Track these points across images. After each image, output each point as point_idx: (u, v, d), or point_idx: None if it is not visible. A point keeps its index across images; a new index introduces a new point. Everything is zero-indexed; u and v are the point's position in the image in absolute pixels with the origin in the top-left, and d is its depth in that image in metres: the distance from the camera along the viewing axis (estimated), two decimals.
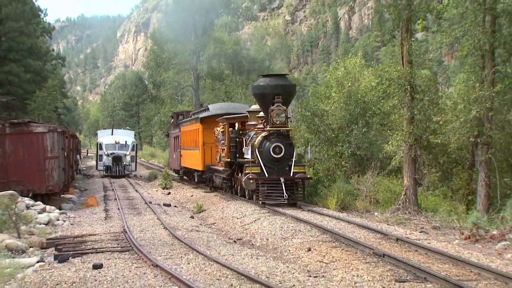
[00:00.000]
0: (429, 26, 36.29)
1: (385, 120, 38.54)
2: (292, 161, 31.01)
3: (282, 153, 30.64)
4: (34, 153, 32.67)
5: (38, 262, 18.33)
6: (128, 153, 59.08)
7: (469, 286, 13.81)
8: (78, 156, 60.02)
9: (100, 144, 60.02)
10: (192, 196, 40.04)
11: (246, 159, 32.15)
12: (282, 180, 29.80)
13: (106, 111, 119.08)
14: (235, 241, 22.99)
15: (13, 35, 58.65)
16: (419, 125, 31.50)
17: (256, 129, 33.29)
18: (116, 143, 59.02)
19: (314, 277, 15.73)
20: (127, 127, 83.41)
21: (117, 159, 57.73)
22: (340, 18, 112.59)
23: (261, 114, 32.98)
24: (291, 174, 30.74)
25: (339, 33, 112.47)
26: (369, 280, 15.13)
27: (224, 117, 37.17)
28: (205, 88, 77.09)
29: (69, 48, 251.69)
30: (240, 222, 26.74)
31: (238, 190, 35.15)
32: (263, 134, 31.60)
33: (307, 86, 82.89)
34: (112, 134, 63.04)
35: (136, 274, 16.32)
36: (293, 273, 16.22)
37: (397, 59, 32.98)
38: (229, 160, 34.97)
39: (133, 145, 60.82)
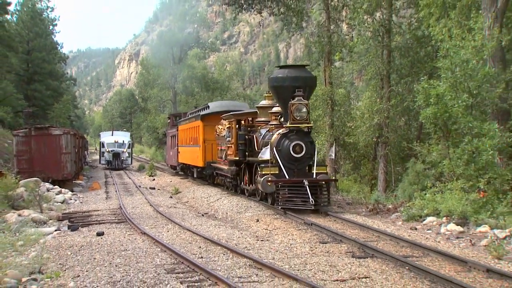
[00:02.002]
0: (344, 57, 36.53)
1: (314, 125, 38.66)
2: (313, 160, 21.61)
3: (303, 152, 20.98)
4: (52, 150, 32.56)
5: (55, 230, 18.26)
6: (125, 150, 56.89)
7: (371, 245, 13.88)
8: (85, 152, 59.24)
9: (102, 143, 58.54)
10: (171, 181, 39.68)
11: (261, 159, 22.67)
12: (306, 182, 20.18)
13: (106, 119, 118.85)
14: (203, 215, 22.67)
15: (38, 62, 59.05)
16: (337, 129, 32.21)
17: (269, 126, 23.70)
18: (115, 142, 57.13)
19: (261, 240, 15.79)
20: (124, 129, 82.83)
21: (116, 155, 55.98)
22: (280, 51, 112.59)
23: (275, 109, 23.50)
24: (314, 176, 21.04)
25: (280, 61, 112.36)
26: (300, 242, 15.23)
27: (231, 113, 27.13)
28: (180, 101, 76.98)
29: (79, 72, 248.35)
30: (207, 200, 26.54)
31: (246, 190, 25.25)
32: (280, 131, 21.87)
33: (257, 100, 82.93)
34: (112, 135, 61.22)
35: (129, 239, 16.33)
36: (246, 238, 16.28)
37: (321, 81, 33.09)
38: (237, 158, 25.15)
39: (129, 144, 58.84)
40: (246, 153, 24.60)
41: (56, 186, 30.61)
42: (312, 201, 19.64)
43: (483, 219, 16.50)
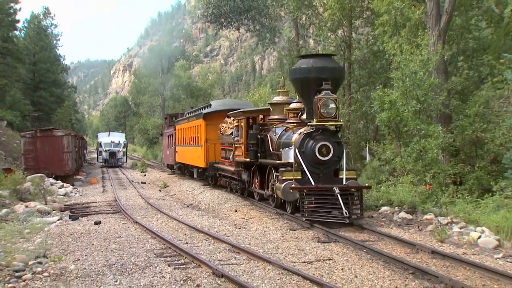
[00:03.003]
0: None
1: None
2: (341, 164, 16.58)
3: (330, 155, 16.12)
4: (56, 149, 32.28)
5: (58, 220, 18.12)
6: (120, 149, 55.64)
7: (334, 232, 13.93)
8: (85, 151, 58.66)
9: (100, 143, 57.19)
10: (160, 177, 39.50)
11: (281, 162, 17.14)
12: (337, 190, 15.31)
13: (103, 122, 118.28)
14: (188, 206, 22.51)
15: (43, 72, 59.04)
16: None
17: (286, 124, 18.45)
18: (112, 142, 55.71)
19: (239, 228, 15.80)
20: (120, 131, 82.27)
21: (112, 154, 54.67)
22: (256, 62, 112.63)
23: (293, 105, 18.51)
24: (344, 182, 15.99)
25: (255, 72, 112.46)
26: (273, 229, 15.26)
27: (241, 110, 22.05)
28: (168, 107, 76.93)
29: (79, 81, 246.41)
30: (191, 193, 26.47)
31: (256, 195, 20.75)
32: (302, 130, 16.76)
33: None
34: (109, 136, 59.58)
35: (123, 227, 16.26)
36: (225, 226, 16.29)
37: (292, 89, 33.16)
38: (247, 160, 20.16)
39: (124, 144, 57.49)
40: (258, 154, 19.51)
41: (59, 181, 30.34)
42: (346, 212, 14.63)
43: (429, 208, 16.65)
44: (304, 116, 17.15)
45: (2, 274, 10.25)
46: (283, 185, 15.86)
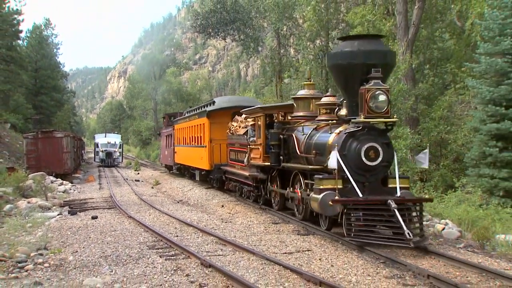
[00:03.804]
0: (291, 75, 36.78)
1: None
2: (390, 171, 12.65)
3: (379, 159, 12.04)
4: (56, 149, 32.10)
5: (58, 215, 18.00)
6: (116, 150, 54.34)
7: (311, 226, 13.77)
8: (83, 151, 58.08)
9: (97, 143, 55.85)
10: (152, 175, 39.26)
11: (314, 167, 13.09)
12: (393, 204, 11.15)
13: (100, 124, 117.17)
14: (178, 202, 22.35)
15: (44, 78, 58.78)
16: None
17: (317, 123, 14.12)
18: (108, 143, 54.40)
19: (225, 222, 15.77)
20: (116, 132, 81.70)
21: (109, 154, 53.19)
22: (241, 69, 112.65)
23: (326, 100, 14.22)
24: (398, 193, 11.90)
25: (241, 78, 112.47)
26: (257, 223, 15.25)
27: (258, 106, 17.92)
28: (160, 110, 76.77)
29: (78, 86, 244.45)
30: (181, 190, 26.35)
31: (275, 203, 16.64)
32: (341, 128, 12.61)
33: None
34: (105, 137, 58.36)
35: (118, 222, 16.16)
36: (213, 220, 16.25)
37: (274, 94, 33.24)
38: (267, 164, 16.12)
39: (120, 144, 56.27)
40: (281, 157, 15.42)
41: (59, 179, 30.16)
42: (409, 233, 10.46)
43: None
44: (343, 112, 12.71)
45: (6, 265, 10.21)
46: (321, 196, 11.64)
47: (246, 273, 9.27)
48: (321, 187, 11.86)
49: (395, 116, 12.53)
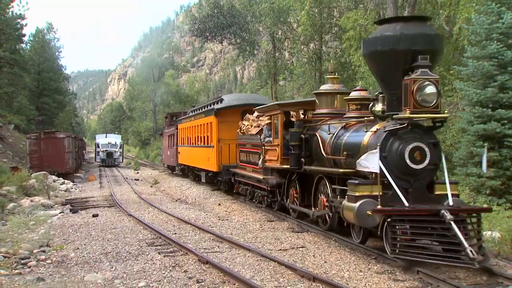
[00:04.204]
0: (286, 77, 36.82)
1: None
2: (436, 176, 10.40)
3: (426, 161, 9.74)
4: (58, 149, 32.05)
5: (60, 213, 18.00)
6: (117, 150, 53.67)
7: (303, 223, 13.85)
8: (84, 151, 57.82)
9: (97, 144, 55.41)
10: (151, 174, 39.23)
11: (346, 170, 10.91)
12: (448, 215, 8.84)
13: (101, 125, 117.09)
14: (176, 200, 22.44)
15: (46, 81, 58.83)
16: None
17: (346, 120, 12.06)
18: (109, 143, 53.93)
19: (222, 220, 15.77)
20: (116, 132, 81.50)
21: (109, 154, 52.62)
22: (237, 72, 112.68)
23: (355, 94, 12.32)
24: (450, 202, 9.51)
25: (237, 80, 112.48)
26: (253, 221, 15.25)
27: (276, 103, 15.97)
28: (159, 111, 76.78)
29: (79, 88, 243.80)
30: (180, 189, 26.31)
31: (293, 210, 14.62)
32: (378, 126, 10.39)
33: None
34: (106, 137, 57.94)
35: (118, 219, 16.16)
36: (210, 218, 16.25)
37: (269, 96, 33.26)
38: (286, 166, 14.19)
39: (121, 145, 55.67)
40: (302, 160, 13.32)
41: (60, 178, 30.20)
42: (472, 251, 8.40)
43: None
44: (378, 108, 10.61)
45: (9, 261, 10.21)
46: (358, 204, 9.58)
47: (242, 269, 9.27)
48: (357, 194, 9.80)
49: (446, 112, 9.88)
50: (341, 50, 29.98)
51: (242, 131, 19.25)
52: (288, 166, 14.02)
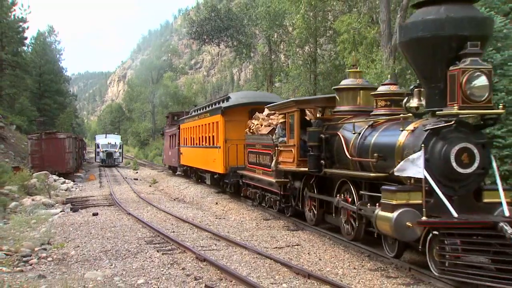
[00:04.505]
0: (282, 79, 36.79)
1: None
2: (484, 181, 8.74)
3: (475, 165, 7.95)
4: (58, 150, 31.99)
5: (61, 211, 17.98)
6: (117, 150, 52.87)
7: (299, 222, 13.80)
8: (84, 151, 57.52)
9: (97, 144, 54.73)
10: (150, 174, 39.13)
11: (378, 174, 9.33)
12: (509, 229, 7.06)
13: (100, 126, 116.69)
14: (174, 199, 22.40)
15: (47, 82, 58.78)
16: None
17: (374, 118, 10.37)
18: (108, 143, 53.19)
19: (219, 218, 15.79)
20: (116, 133, 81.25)
21: (109, 154, 51.76)
22: (234, 74, 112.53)
23: (384, 89, 10.55)
24: (506, 212, 7.65)
25: (234, 82, 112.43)
26: (249, 219, 15.26)
27: (291, 99, 14.09)
28: (157, 112, 76.75)
29: (79, 90, 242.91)
30: (178, 188, 26.27)
31: (310, 218, 13.07)
32: (415, 125, 8.69)
33: None
34: (106, 137, 57.18)
35: (117, 218, 16.14)
36: (207, 216, 16.26)
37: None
38: (305, 169, 12.36)
39: (120, 145, 54.89)
40: (322, 162, 11.71)
41: (61, 178, 30.14)
42: None
43: None
44: (413, 103, 9.07)
45: (11, 259, 10.20)
46: (395, 214, 8.03)
47: (239, 267, 9.27)
48: (395, 202, 8.22)
49: (500, 107, 8.24)
50: (335, 52, 29.95)
51: (251, 131, 17.45)
52: (306, 169, 12.31)
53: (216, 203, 19.46)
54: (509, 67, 14.50)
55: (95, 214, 16.83)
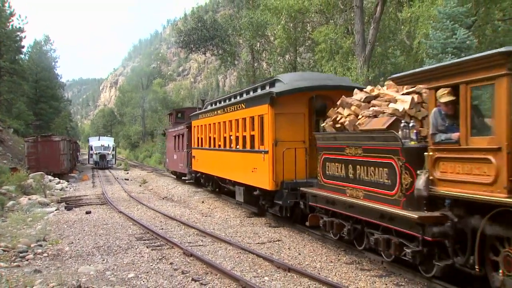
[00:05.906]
0: None
1: None
2: None
3: None
4: (54, 152, 31.66)
5: (55, 210, 17.80)
6: (110, 152, 51.10)
7: (280, 219, 13.91)
8: (78, 153, 56.85)
9: (91, 146, 52.91)
10: (140, 174, 38.78)
11: None
12: None
13: (93, 129, 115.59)
14: (163, 198, 22.22)
15: (43, 88, 58.32)
16: None
17: None
18: (102, 146, 51.28)
19: (205, 216, 15.75)
20: (109, 135, 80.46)
21: (102, 157, 49.91)
22: (219, 81, 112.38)
23: None
24: None
25: (219, 88, 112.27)
26: (233, 217, 15.25)
27: (497, 51, 4.74)
28: (147, 116, 76.54)
29: (74, 95, 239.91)
30: (166, 188, 26.14)
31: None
32: None
33: None
34: (99, 140, 55.21)
35: (109, 216, 16.02)
36: (194, 214, 16.22)
37: None
38: None
39: (113, 147, 53.14)
40: None
41: (56, 178, 29.86)
42: None
43: None
44: None
45: (8, 255, 10.11)
46: None
47: (224, 261, 9.25)
48: None
49: None
50: (314, 61, 30.09)
51: (337, 125, 10.05)
52: None
53: (203, 202, 19.39)
54: None
55: (88, 212, 16.67)
